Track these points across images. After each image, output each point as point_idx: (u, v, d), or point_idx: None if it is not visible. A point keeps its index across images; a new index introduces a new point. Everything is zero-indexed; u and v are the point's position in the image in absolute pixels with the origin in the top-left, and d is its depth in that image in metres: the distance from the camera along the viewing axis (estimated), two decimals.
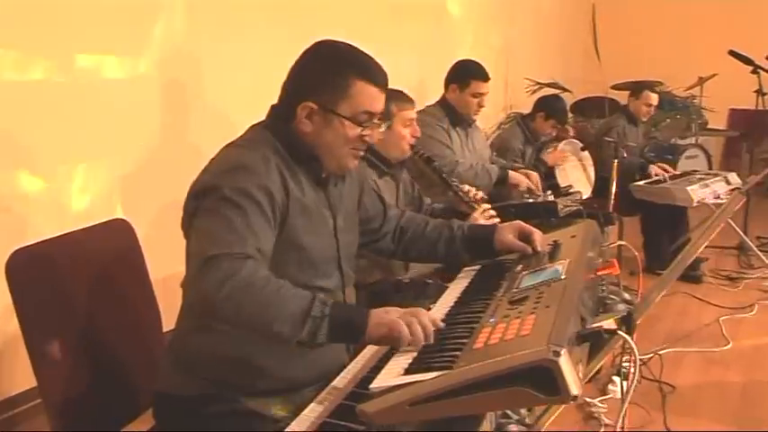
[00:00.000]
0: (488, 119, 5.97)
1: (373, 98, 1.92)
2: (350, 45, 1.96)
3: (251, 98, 2.02)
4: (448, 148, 4.13)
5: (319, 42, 1.97)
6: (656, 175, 5.62)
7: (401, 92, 3.10)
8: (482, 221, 2.99)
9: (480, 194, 3.28)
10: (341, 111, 1.89)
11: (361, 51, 1.96)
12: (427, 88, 5.29)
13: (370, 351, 1.83)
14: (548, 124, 5.25)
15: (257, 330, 1.66)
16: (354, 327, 1.65)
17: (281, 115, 1.95)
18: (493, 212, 3.13)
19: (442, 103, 4.34)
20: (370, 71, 1.92)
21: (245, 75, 3.66)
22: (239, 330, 1.73)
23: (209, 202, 1.76)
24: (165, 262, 2.42)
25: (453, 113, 4.27)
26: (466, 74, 4.28)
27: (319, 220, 1.95)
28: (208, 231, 1.72)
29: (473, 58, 4.43)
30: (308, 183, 1.94)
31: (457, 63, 4.40)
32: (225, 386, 1.87)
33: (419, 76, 5.50)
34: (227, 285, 1.60)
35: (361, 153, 1.99)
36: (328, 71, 1.89)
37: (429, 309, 1.97)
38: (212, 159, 1.91)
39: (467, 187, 3.26)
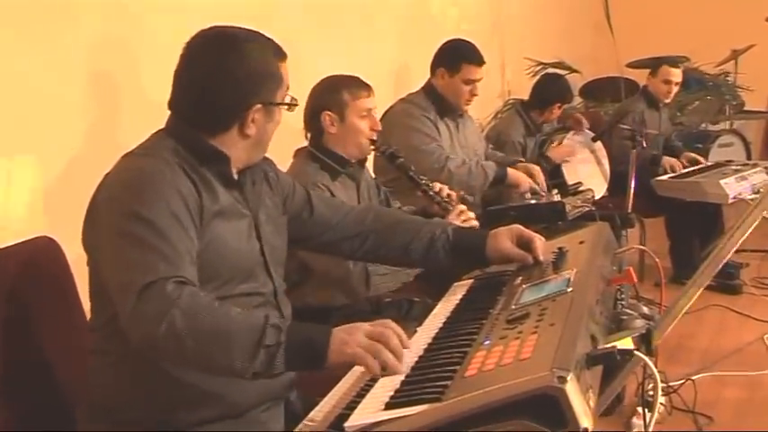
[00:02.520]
0: (483, 107, 5.99)
1: (287, 73, 2.10)
2: (251, 30, 2.09)
3: None
4: (434, 141, 4.14)
5: (222, 38, 2.05)
6: (672, 169, 5.67)
7: (354, 77, 3.12)
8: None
9: (455, 194, 3.28)
10: (279, 99, 2.09)
11: (261, 33, 2.10)
12: (411, 73, 5.30)
13: (346, 383, 1.85)
14: (559, 110, 5.31)
15: (205, 367, 1.76)
16: (314, 353, 1.70)
17: (191, 122, 2.04)
18: (471, 215, 3.14)
19: (428, 89, 4.35)
20: (281, 49, 2.10)
21: None
22: (186, 368, 1.82)
23: (118, 225, 1.83)
24: None
25: (441, 102, 4.29)
26: (456, 56, 4.29)
27: (238, 222, 2.05)
28: (129, 260, 1.78)
29: (465, 38, 4.44)
30: (219, 184, 2.02)
31: (446, 44, 4.40)
32: (159, 425, 1.91)
33: (400, 60, 5.51)
34: (166, 319, 1.66)
35: None
36: (261, 67, 2.04)
37: (414, 332, 2.00)
38: (107, 174, 1.98)
39: (438, 186, 3.27)
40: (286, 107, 2.11)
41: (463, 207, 3.16)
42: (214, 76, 2.00)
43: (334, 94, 3.03)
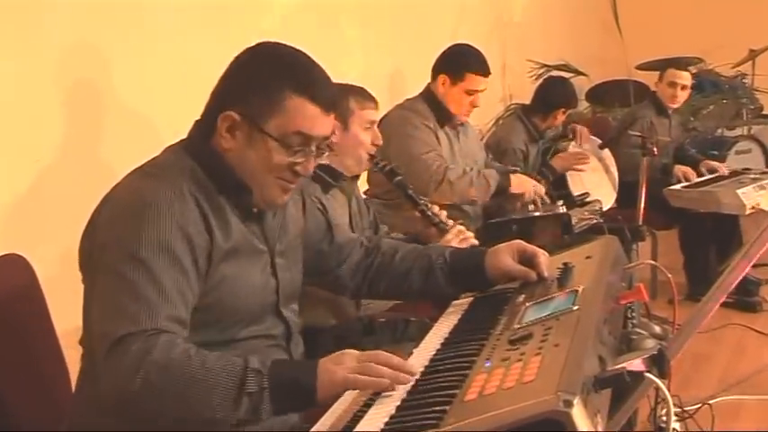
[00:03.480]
0: (483, 113, 5.98)
1: (312, 119, 1.96)
2: (297, 51, 2.03)
3: (181, 100, 2.06)
4: (434, 150, 4.14)
5: (260, 44, 2.05)
6: (686, 178, 5.69)
7: (362, 89, 3.15)
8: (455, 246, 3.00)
9: (453, 221, 3.28)
10: (269, 128, 1.95)
11: (310, 61, 2.02)
12: (405, 77, 5.31)
13: (339, 406, 1.85)
14: (564, 116, 5.33)
15: (188, 419, 1.73)
16: (303, 393, 1.72)
17: (202, 130, 2.02)
18: (470, 234, 3.16)
19: (427, 96, 4.36)
20: (314, 86, 1.97)
21: (173, 71, 3.67)
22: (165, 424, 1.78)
23: (111, 258, 1.83)
24: (75, 307, 2.41)
25: (441, 110, 4.30)
26: (461, 64, 4.30)
27: (252, 260, 2.03)
28: (111, 303, 1.79)
29: (471, 44, 4.45)
30: (237, 216, 2.00)
31: (451, 49, 4.42)
32: None
33: (394, 65, 5.51)
34: (139, 374, 1.67)
35: (292, 186, 2.04)
36: (261, 78, 1.96)
37: (410, 354, 2.01)
38: (116, 187, 1.97)
39: (437, 207, 3.28)
40: (280, 146, 1.94)
41: (461, 227, 3.17)
42: (221, 77, 2.01)
43: (340, 100, 3.04)
